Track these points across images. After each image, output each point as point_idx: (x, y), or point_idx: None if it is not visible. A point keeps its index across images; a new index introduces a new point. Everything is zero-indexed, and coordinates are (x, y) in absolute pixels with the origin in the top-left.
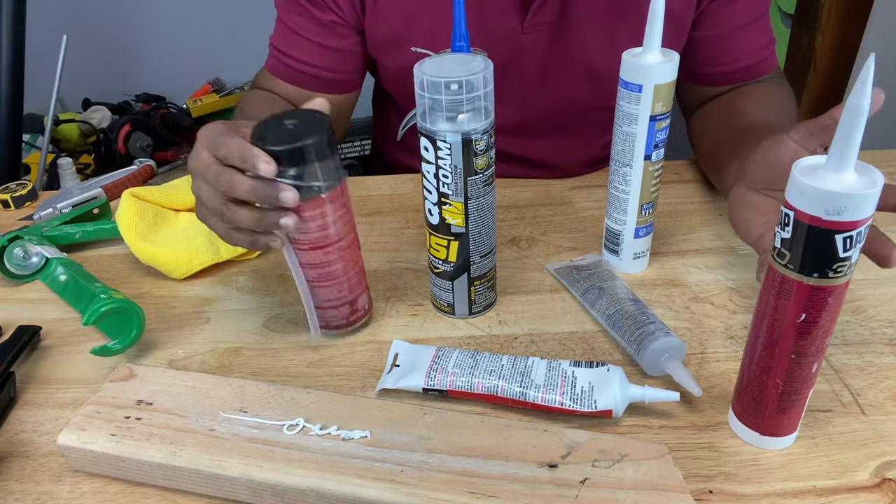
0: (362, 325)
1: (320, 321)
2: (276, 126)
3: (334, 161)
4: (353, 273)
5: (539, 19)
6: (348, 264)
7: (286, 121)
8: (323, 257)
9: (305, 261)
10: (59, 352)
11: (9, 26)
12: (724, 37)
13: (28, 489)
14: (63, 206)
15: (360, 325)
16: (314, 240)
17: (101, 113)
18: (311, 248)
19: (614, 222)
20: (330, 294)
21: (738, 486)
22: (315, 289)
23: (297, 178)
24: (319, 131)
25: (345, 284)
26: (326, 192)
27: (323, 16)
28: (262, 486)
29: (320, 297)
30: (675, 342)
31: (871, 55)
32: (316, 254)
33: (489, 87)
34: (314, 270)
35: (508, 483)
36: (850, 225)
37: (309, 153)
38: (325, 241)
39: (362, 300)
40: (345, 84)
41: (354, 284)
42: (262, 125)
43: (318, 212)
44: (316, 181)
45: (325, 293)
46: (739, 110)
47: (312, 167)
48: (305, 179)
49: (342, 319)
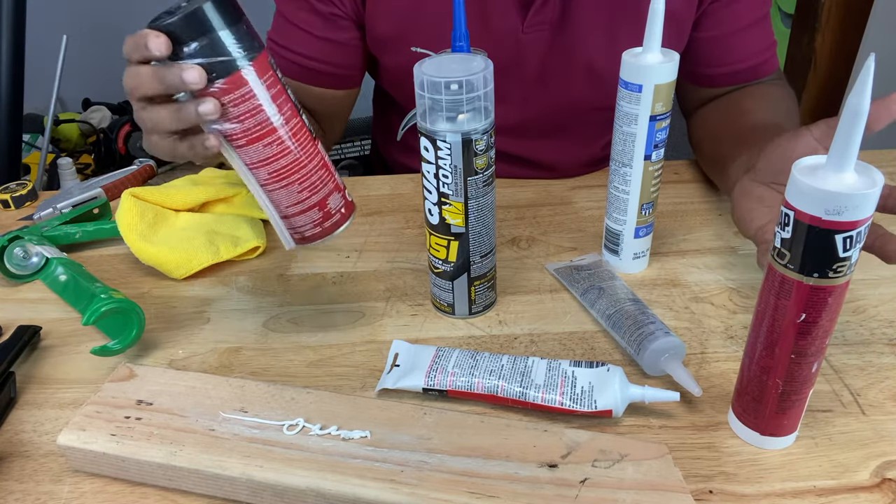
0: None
1: (293, 233)
2: (172, 7)
3: (243, 30)
4: (314, 168)
5: (540, 19)
6: (303, 156)
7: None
8: (266, 150)
9: (248, 160)
10: (59, 352)
11: (9, 26)
12: (725, 38)
13: (28, 489)
14: (63, 206)
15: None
16: (248, 130)
17: (101, 113)
18: (248, 140)
19: (614, 222)
20: (290, 196)
21: (738, 486)
22: (271, 192)
23: (202, 52)
24: None
25: (305, 182)
26: (245, 66)
27: (323, 8)
28: (262, 486)
29: (281, 201)
30: (675, 342)
31: (871, 55)
32: (256, 147)
33: (489, 87)
34: (262, 168)
35: (508, 483)
36: (850, 225)
37: (206, 18)
38: (261, 130)
39: (334, 201)
40: (344, 79)
41: (318, 182)
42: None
43: (241, 92)
44: (225, 54)
45: (284, 196)
46: (743, 110)
47: (216, 35)
48: (211, 53)
49: (315, 226)
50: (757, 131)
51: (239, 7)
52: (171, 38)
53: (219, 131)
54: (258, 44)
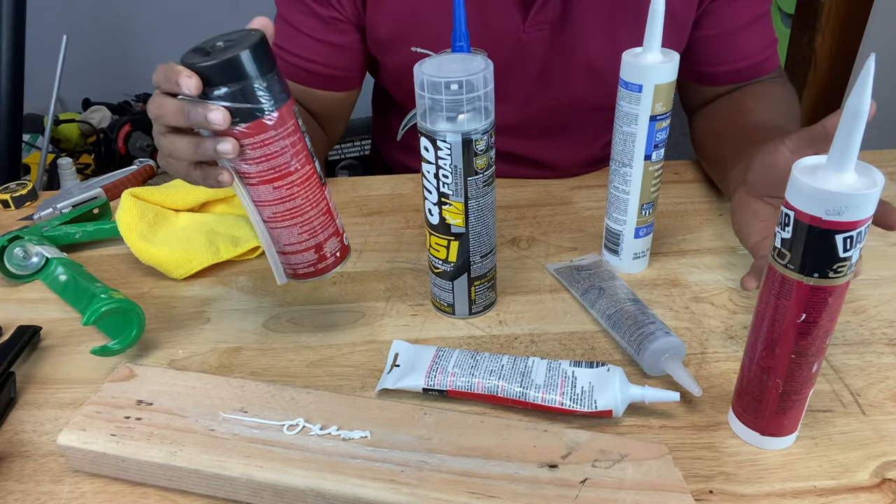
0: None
1: (286, 268)
2: (207, 45)
3: (273, 79)
4: (316, 213)
5: (541, 19)
6: (308, 202)
7: (218, 41)
8: (274, 193)
9: (257, 197)
10: (59, 352)
11: (9, 26)
12: (725, 36)
13: (28, 489)
14: (63, 206)
15: (333, 272)
16: (261, 172)
17: (101, 113)
18: (261, 181)
19: (614, 222)
20: (290, 236)
21: (738, 486)
22: (273, 229)
23: (231, 97)
24: (250, 44)
25: (306, 226)
26: (269, 114)
27: (323, 11)
28: (262, 486)
29: (280, 238)
30: (675, 342)
31: (871, 55)
32: (266, 188)
33: (489, 87)
34: (267, 208)
35: (508, 483)
36: (851, 225)
37: (239, 67)
38: (274, 174)
39: (331, 245)
40: (344, 81)
41: (318, 227)
42: (195, 48)
43: (261, 138)
44: (253, 101)
45: (285, 235)
46: (744, 110)
47: (246, 84)
48: (240, 99)
49: (309, 266)
50: (757, 132)
51: (272, 56)
52: (202, 78)
53: (233, 167)
54: (285, 93)
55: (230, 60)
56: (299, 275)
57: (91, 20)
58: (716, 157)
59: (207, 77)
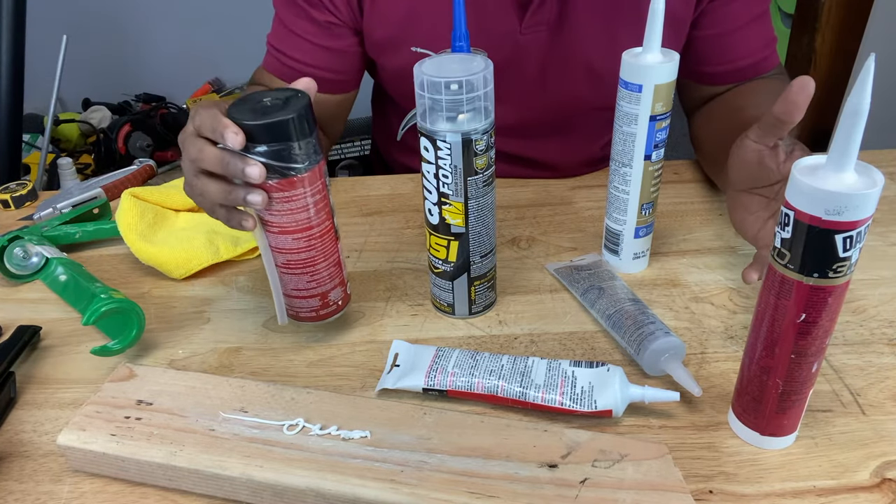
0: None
1: (289, 310)
2: (254, 101)
3: (311, 142)
4: (327, 265)
5: (537, 19)
6: (321, 255)
7: (265, 97)
8: (293, 243)
9: (275, 244)
10: (59, 352)
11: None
12: (724, 35)
13: (28, 489)
14: (63, 206)
15: (333, 319)
16: (285, 223)
17: (101, 113)
18: (281, 231)
19: (614, 222)
20: (299, 283)
21: (738, 486)
22: (284, 274)
23: (270, 155)
24: (296, 110)
25: (316, 276)
26: (302, 173)
27: (320, 16)
28: (262, 486)
29: (289, 283)
30: (675, 342)
31: (871, 55)
32: (285, 238)
33: (489, 87)
34: (283, 255)
35: (508, 483)
36: (850, 225)
37: (283, 130)
38: (296, 227)
39: (335, 294)
40: (342, 84)
41: (326, 277)
42: (241, 100)
43: (290, 194)
44: (289, 161)
45: (295, 281)
46: (739, 107)
47: (286, 146)
48: (278, 158)
49: (311, 311)
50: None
51: (314, 121)
52: (246, 134)
53: (257, 213)
54: (319, 154)
55: (276, 123)
56: (300, 318)
57: (91, 20)
58: (713, 155)
59: (253, 135)
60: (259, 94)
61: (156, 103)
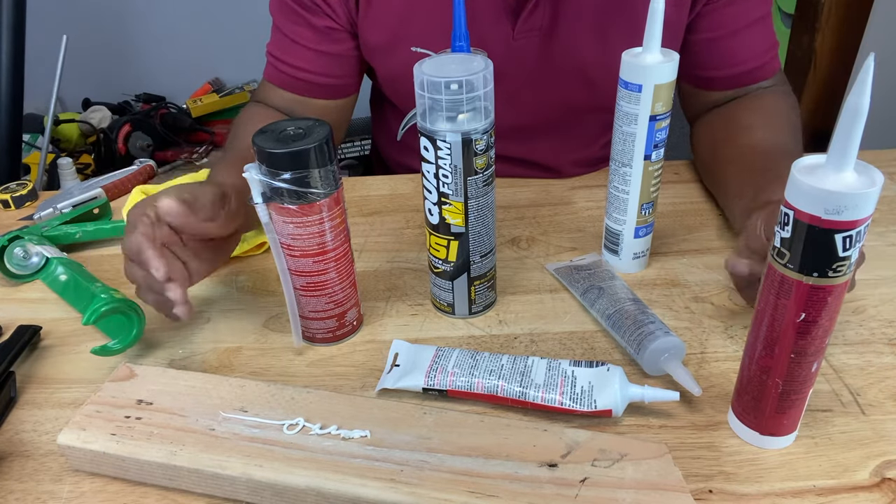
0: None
1: (305, 332)
2: (277, 129)
3: (331, 170)
4: (343, 287)
5: (530, 25)
6: (339, 276)
7: (289, 127)
8: (313, 266)
9: (294, 267)
10: (59, 352)
11: (9, 26)
12: (724, 39)
13: (28, 489)
14: (63, 206)
15: (348, 340)
16: (306, 247)
17: (101, 113)
18: (303, 255)
19: (614, 222)
20: (317, 305)
21: (737, 486)
22: (302, 297)
23: (292, 181)
24: (318, 141)
25: (334, 297)
26: (321, 199)
27: (318, 21)
28: (262, 485)
29: (306, 306)
30: (674, 342)
31: (871, 55)
32: (306, 262)
33: (489, 86)
34: (302, 278)
35: (508, 483)
36: (850, 224)
37: (305, 159)
38: (316, 250)
39: (351, 314)
40: (343, 89)
41: (342, 298)
42: (264, 128)
43: (312, 218)
44: (310, 187)
45: (312, 303)
46: (742, 126)
47: (308, 172)
48: (299, 184)
49: (328, 333)
50: (756, 155)
51: (334, 149)
52: (270, 162)
53: (278, 237)
54: (339, 180)
55: (299, 152)
56: (316, 339)
57: (91, 20)
58: (714, 171)
59: (276, 163)
60: (283, 121)
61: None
